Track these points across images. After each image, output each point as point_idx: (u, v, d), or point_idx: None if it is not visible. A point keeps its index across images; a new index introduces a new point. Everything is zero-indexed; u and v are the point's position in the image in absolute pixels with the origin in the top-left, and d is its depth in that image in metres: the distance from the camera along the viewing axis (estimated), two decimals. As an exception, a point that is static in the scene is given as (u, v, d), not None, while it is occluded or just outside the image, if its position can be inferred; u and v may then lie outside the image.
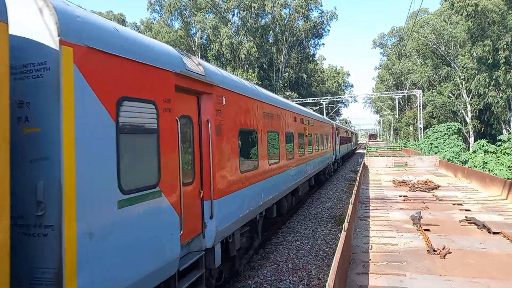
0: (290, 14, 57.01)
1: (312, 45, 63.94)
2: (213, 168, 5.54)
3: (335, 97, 69.62)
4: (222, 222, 5.75)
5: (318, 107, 59.99)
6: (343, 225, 5.01)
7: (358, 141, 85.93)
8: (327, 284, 3.06)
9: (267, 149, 8.62)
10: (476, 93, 43.56)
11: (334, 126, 25.46)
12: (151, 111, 4.15)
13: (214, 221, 5.50)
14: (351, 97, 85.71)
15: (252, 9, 54.64)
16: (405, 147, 41.95)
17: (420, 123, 47.34)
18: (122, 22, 56.95)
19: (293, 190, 11.94)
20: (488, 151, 21.49)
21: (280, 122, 10.11)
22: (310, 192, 17.37)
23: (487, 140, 24.52)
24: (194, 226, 5.24)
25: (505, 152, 19.90)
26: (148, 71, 4.15)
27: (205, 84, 5.52)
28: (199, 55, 52.98)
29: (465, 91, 46.28)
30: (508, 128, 40.88)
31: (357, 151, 59.86)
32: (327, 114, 57.33)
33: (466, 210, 8.36)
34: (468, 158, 23.81)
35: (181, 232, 4.60)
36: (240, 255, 7.39)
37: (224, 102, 6.09)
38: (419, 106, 47.97)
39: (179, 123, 4.69)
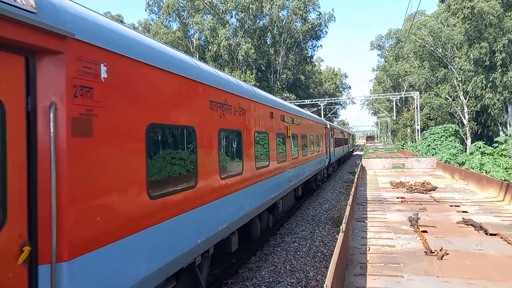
0: (288, 15, 57.17)
1: (310, 47, 64.29)
2: (61, 197, 2.94)
3: (333, 98, 69.90)
4: None
5: (316, 108, 60.14)
6: (341, 227, 5.01)
7: (355, 142, 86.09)
8: (324, 286, 3.05)
9: (217, 156, 5.99)
10: (473, 95, 43.88)
11: (328, 126, 23.63)
12: None
13: None
14: (348, 98, 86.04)
15: (250, 10, 54.79)
16: (403, 148, 42.22)
17: (418, 124, 47.56)
18: (120, 23, 56.76)
19: (271, 206, 9.64)
20: (485, 153, 21.64)
21: (245, 117, 7.64)
22: (308, 195, 17.35)
23: (484, 142, 24.73)
24: None
25: (502, 153, 20.05)
26: None
27: (43, 33, 2.88)
28: (197, 56, 53.01)
29: (462, 93, 46.54)
30: (505, 130, 41.09)
31: (354, 153, 59.95)
32: (325, 115, 57.47)
33: (463, 212, 8.38)
34: (465, 160, 23.98)
35: None
36: None
37: (103, 75, 3.47)
38: (417, 107, 48.19)
39: None
